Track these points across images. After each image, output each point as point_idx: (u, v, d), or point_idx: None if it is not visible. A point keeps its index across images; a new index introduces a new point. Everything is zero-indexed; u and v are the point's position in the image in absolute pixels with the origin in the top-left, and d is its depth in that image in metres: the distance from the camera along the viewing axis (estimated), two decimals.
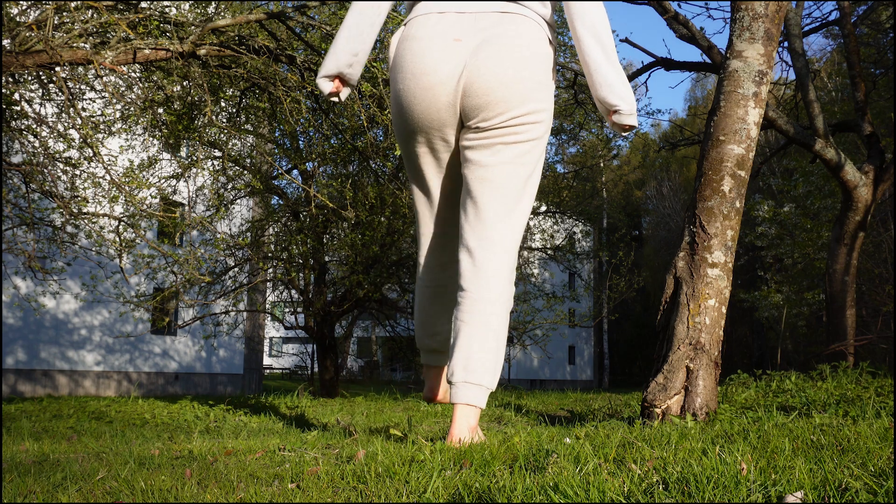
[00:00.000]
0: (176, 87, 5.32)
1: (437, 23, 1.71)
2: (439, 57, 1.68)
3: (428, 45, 1.70)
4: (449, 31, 1.70)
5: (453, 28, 1.70)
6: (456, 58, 1.68)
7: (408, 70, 1.71)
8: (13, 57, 3.77)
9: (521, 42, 1.71)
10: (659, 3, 6.70)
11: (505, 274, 1.84)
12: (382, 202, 7.95)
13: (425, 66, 1.68)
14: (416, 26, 1.74)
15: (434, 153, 1.84)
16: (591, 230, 16.00)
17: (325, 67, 1.85)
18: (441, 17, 1.72)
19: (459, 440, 1.79)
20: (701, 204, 2.68)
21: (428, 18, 1.73)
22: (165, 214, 5.02)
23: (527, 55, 1.72)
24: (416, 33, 1.73)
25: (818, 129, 6.36)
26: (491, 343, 1.81)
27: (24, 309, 14.11)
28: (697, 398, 2.46)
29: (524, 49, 1.72)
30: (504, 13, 1.72)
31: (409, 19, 1.79)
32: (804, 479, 1.29)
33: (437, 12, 1.73)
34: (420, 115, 1.73)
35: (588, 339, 32.99)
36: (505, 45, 1.69)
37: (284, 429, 3.37)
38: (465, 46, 1.68)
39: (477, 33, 1.70)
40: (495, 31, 1.70)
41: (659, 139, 27.94)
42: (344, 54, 1.81)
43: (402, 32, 1.79)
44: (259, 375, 19.65)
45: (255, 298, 12.95)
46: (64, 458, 2.18)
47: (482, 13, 1.71)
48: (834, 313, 6.51)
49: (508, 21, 1.72)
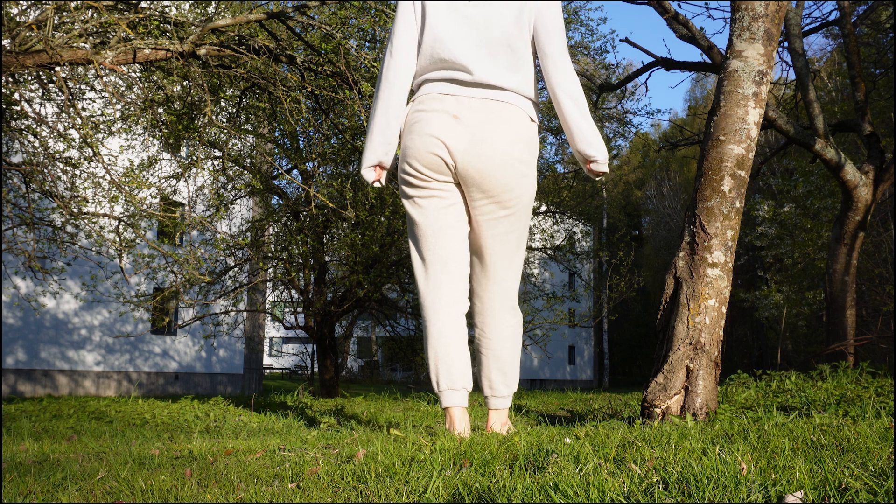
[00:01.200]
0: (176, 87, 5.32)
1: (441, 102, 2.17)
2: (440, 127, 2.14)
3: (433, 117, 2.15)
4: (449, 109, 2.15)
5: (453, 108, 2.15)
6: (453, 130, 2.13)
7: (415, 132, 2.18)
8: (13, 57, 3.77)
9: (508, 129, 2.16)
10: (659, 3, 6.70)
11: (508, 310, 2.34)
12: (382, 202, 7.95)
13: (430, 130, 2.15)
14: (424, 102, 2.20)
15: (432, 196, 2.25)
16: (591, 230, 16.00)
17: (366, 160, 2.28)
18: (444, 97, 2.17)
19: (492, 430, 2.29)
20: (701, 204, 2.68)
21: (434, 98, 2.18)
22: (165, 214, 5.02)
23: (513, 138, 2.16)
24: (425, 108, 2.18)
25: (818, 129, 6.36)
26: (508, 367, 2.35)
27: (24, 309, 14.12)
28: (697, 398, 2.46)
29: (511, 134, 2.16)
30: (494, 100, 2.16)
31: (418, 96, 2.23)
32: (804, 479, 1.29)
33: (440, 93, 2.18)
34: (422, 164, 2.18)
35: (588, 339, 32.99)
36: (495, 133, 2.14)
37: (284, 429, 3.37)
38: (461, 123, 2.13)
39: (472, 115, 2.14)
40: (488, 117, 2.14)
41: (659, 139, 27.95)
42: (380, 146, 2.24)
43: (412, 106, 2.24)
44: (259, 375, 19.65)
45: (255, 298, 12.95)
46: (64, 458, 2.18)
47: (477, 98, 2.16)
48: (834, 313, 6.51)
49: (498, 108, 2.16)
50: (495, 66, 2.16)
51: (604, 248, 15.61)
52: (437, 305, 2.28)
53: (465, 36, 2.16)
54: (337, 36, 4.50)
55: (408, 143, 2.20)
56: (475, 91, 2.17)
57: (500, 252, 2.29)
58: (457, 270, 2.28)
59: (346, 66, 4.59)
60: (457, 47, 2.15)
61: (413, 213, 2.28)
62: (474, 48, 2.15)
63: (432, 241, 2.26)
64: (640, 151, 29.61)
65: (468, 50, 2.15)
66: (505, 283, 2.33)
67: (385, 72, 2.22)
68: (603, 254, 14.94)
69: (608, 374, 34.08)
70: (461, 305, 2.31)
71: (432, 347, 2.29)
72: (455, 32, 2.16)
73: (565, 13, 10.87)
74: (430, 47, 2.17)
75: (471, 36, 2.16)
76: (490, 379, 2.36)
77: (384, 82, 2.22)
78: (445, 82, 2.18)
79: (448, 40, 2.16)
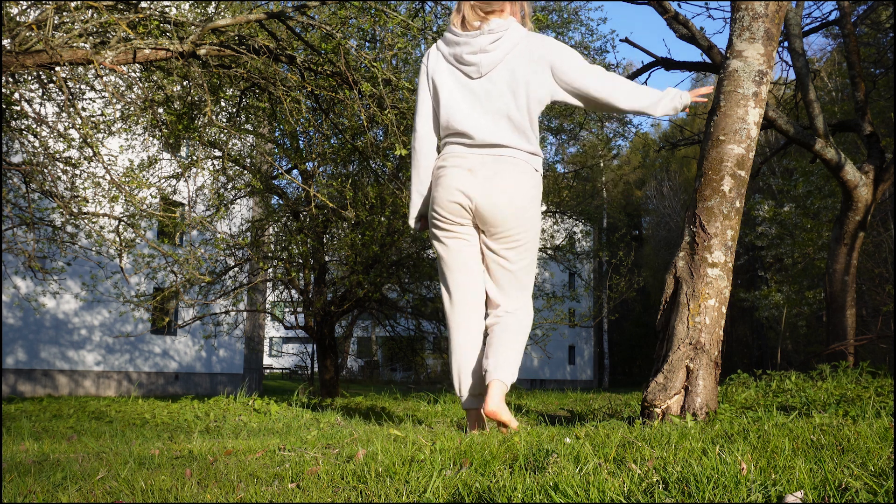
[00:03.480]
0: (176, 86, 5.32)
1: (460, 158, 2.63)
2: (459, 180, 2.61)
3: (453, 172, 2.63)
4: (465, 164, 2.61)
5: (469, 163, 2.62)
6: (469, 182, 2.60)
7: (441, 185, 2.65)
8: (13, 57, 3.77)
9: (510, 181, 2.60)
10: (659, 3, 6.70)
11: (522, 318, 2.75)
12: (382, 202, 7.95)
13: (451, 183, 2.62)
14: (446, 159, 2.67)
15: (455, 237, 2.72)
16: (591, 230, 16.00)
17: (411, 216, 2.83)
18: (462, 155, 2.63)
19: (493, 411, 2.53)
20: (701, 204, 2.68)
21: (452, 156, 2.65)
22: (165, 214, 5.02)
23: (514, 188, 2.61)
24: (446, 164, 2.65)
25: (818, 129, 6.36)
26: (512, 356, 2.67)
27: (24, 309, 14.12)
28: (697, 398, 2.46)
29: (513, 185, 2.61)
30: (501, 156, 2.61)
31: (442, 154, 2.70)
32: (804, 479, 1.29)
33: (456, 153, 2.65)
34: (447, 211, 2.66)
35: (588, 339, 32.98)
36: (501, 185, 2.60)
37: (284, 429, 3.37)
38: (475, 175, 2.60)
39: (483, 168, 2.60)
40: (495, 169, 2.60)
41: (659, 139, 27.95)
42: (418, 202, 2.78)
43: (437, 162, 2.71)
44: (259, 375, 19.65)
45: (255, 298, 12.95)
46: (64, 458, 2.18)
47: (488, 155, 2.61)
48: (834, 313, 6.51)
49: (504, 162, 2.60)
50: (498, 129, 2.61)
51: (604, 248, 15.61)
52: (459, 326, 2.75)
53: (472, 106, 2.62)
54: (337, 36, 4.50)
55: (435, 194, 2.69)
56: (484, 150, 2.63)
57: (516, 268, 2.74)
58: (474, 296, 2.75)
59: (346, 66, 4.59)
60: (465, 118, 2.62)
61: (440, 250, 2.75)
62: (479, 116, 2.61)
63: (455, 273, 2.74)
64: (641, 151, 29.61)
65: (476, 119, 2.62)
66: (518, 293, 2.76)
67: (413, 143, 2.78)
68: (603, 254, 14.93)
69: (608, 374, 34.07)
70: (479, 325, 2.76)
71: (455, 360, 2.75)
72: (462, 104, 2.64)
73: (565, 13, 10.89)
74: (445, 118, 2.66)
75: (476, 107, 2.62)
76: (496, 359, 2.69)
77: (413, 152, 2.78)
78: (459, 144, 2.67)
79: (457, 112, 2.64)
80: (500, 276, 2.76)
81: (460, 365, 2.74)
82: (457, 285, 2.76)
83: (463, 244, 2.72)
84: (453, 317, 2.79)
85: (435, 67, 2.68)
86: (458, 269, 2.75)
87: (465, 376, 2.73)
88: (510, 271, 2.74)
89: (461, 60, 2.62)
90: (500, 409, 2.54)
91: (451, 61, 2.65)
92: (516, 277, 2.75)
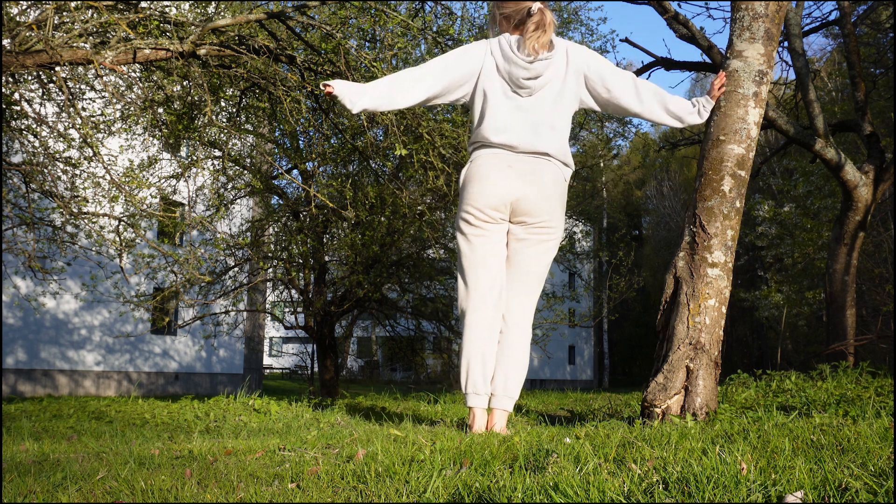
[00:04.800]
0: (176, 86, 5.32)
1: (496, 157, 2.74)
2: (498, 175, 2.72)
3: (491, 167, 2.73)
4: (504, 162, 2.72)
5: (506, 161, 2.72)
6: (508, 176, 2.71)
7: (476, 177, 2.74)
8: (13, 57, 3.77)
9: (548, 178, 2.74)
10: (659, 3, 6.70)
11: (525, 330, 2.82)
12: (382, 202, 7.95)
13: (489, 176, 2.73)
14: (482, 157, 2.76)
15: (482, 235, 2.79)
16: (591, 230, 16.01)
17: (349, 94, 2.74)
18: (498, 156, 2.73)
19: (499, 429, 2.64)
20: (701, 204, 2.68)
21: (492, 155, 2.75)
22: (165, 214, 5.01)
23: (551, 183, 2.74)
24: (483, 161, 2.75)
25: (818, 129, 6.36)
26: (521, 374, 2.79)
27: (24, 309, 14.11)
28: (697, 398, 2.46)
29: (550, 181, 2.74)
30: (537, 159, 2.74)
31: (476, 157, 2.79)
32: (804, 479, 1.29)
33: (495, 153, 2.74)
34: (486, 205, 2.73)
35: (588, 339, 32.97)
36: (540, 180, 2.73)
37: (284, 429, 3.36)
38: (513, 171, 2.71)
39: (521, 165, 2.72)
40: (533, 167, 2.73)
41: (659, 139, 27.92)
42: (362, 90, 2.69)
43: (474, 162, 2.78)
44: (259, 375, 19.65)
45: (255, 298, 12.95)
46: (64, 458, 2.18)
47: (525, 155, 2.73)
48: (834, 313, 6.51)
49: (539, 163, 2.74)
50: (539, 140, 2.74)
51: (604, 248, 15.61)
52: (473, 324, 2.77)
53: (516, 120, 2.74)
54: (337, 36, 4.50)
55: (474, 189, 2.75)
56: (524, 155, 2.76)
57: (537, 267, 2.81)
58: (493, 296, 2.78)
59: (346, 66, 4.59)
60: (511, 129, 2.74)
61: (464, 246, 2.80)
62: (521, 128, 2.74)
63: (476, 271, 2.78)
64: (640, 151, 29.61)
65: (517, 131, 2.73)
66: (529, 299, 2.83)
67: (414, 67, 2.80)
68: (603, 254, 14.93)
69: (608, 374, 34.06)
70: (495, 325, 2.79)
71: (465, 357, 2.77)
72: (508, 120, 2.75)
73: (565, 13, 10.89)
74: (493, 126, 2.74)
75: (520, 119, 2.75)
76: (506, 377, 2.76)
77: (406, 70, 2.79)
78: (501, 148, 2.76)
79: (505, 121, 2.74)
80: (517, 276, 2.81)
81: (470, 363, 2.77)
82: (476, 282, 2.80)
83: (487, 244, 2.78)
84: (469, 314, 2.81)
85: (489, 74, 2.76)
86: (478, 266, 2.79)
87: (472, 375, 2.76)
88: (530, 273, 2.80)
89: (517, 83, 2.72)
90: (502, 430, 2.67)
91: (504, 77, 2.74)
92: (535, 280, 2.82)
